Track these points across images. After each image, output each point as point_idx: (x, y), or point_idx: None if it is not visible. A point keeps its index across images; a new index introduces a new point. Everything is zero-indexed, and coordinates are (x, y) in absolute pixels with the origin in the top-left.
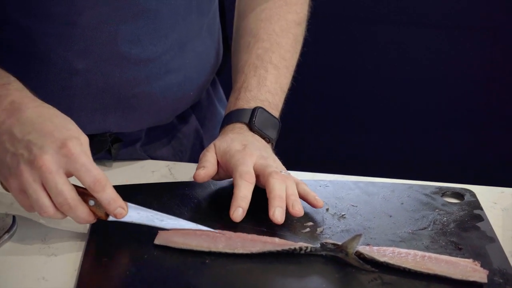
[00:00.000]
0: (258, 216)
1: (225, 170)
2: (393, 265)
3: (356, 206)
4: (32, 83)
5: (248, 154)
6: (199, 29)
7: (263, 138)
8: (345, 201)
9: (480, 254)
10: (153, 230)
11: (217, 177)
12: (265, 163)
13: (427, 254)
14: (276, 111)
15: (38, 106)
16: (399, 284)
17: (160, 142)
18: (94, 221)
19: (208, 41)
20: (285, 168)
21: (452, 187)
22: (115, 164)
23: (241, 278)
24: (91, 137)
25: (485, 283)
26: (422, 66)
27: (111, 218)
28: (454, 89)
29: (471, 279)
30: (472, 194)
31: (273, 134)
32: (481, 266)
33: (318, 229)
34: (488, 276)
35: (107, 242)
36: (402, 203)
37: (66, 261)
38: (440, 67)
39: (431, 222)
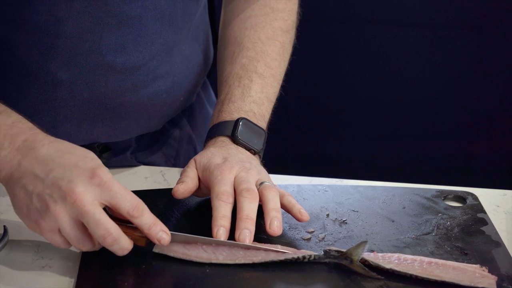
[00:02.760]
0: (258, 223)
1: (206, 187)
2: (399, 272)
3: (357, 211)
4: (15, 96)
5: (227, 168)
6: (186, 32)
7: (248, 150)
8: (346, 206)
9: (486, 259)
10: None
11: (200, 193)
12: (244, 176)
13: (433, 260)
14: (262, 122)
15: (52, 141)
16: None
17: (151, 148)
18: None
19: (196, 43)
20: (270, 178)
21: (454, 190)
22: None
23: None
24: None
25: None
26: (420, 66)
27: (156, 250)
28: (447, 89)
29: (480, 285)
30: (474, 197)
31: (258, 145)
32: (489, 271)
33: (320, 235)
34: (497, 282)
35: (103, 252)
36: (404, 207)
37: (61, 272)
38: (431, 66)
39: (434, 226)
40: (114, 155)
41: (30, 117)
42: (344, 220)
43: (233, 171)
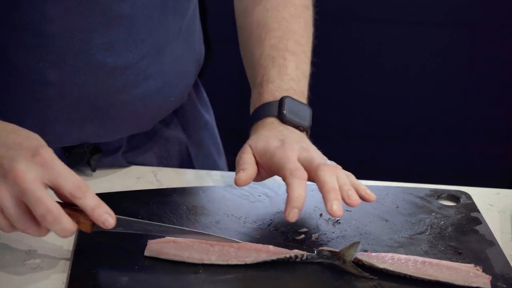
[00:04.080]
0: (251, 223)
1: (267, 170)
2: (393, 272)
3: (351, 211)
4: (3, 95)
5: (289, 149)
6: (177, 32)
7: (297, 127)
8: None
9: (480, 259)
10: (143, 240)
11: (259, 178)
12: (309, 155)
13: (427, 260)
14: (303, 98)
15: None
16: None
17: (142, 149)
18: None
19: (187, 43)
20: (327, 158)
21: (447, 189)
22: (98, 171)
23: None
24: (69, 149)
25: None
26: (413, 66)
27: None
28: (440, 89)
29: (474, 285)
30: (468, 197)
31: (305, 121)
32: (483, 271)
33: (313, 235)
34: (491, 281)
35: (95, 253)
36: (397, 207)
37: (53, 273)
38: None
39: (428, 226)
40: (105, 156)
41: (19, 117)
42: (337, 220)
43: (295, 152)
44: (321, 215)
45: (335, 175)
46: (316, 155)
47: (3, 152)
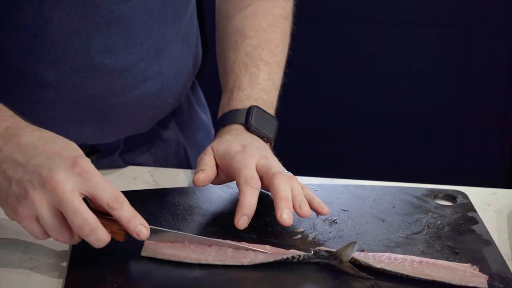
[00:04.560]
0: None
1: (225, 173)
2: (390, 271)
3: (347, 211)
4: (1, 96)
5: (248, 155)
6: (176, 34)
7: (261, 138)
8: (336, 205)
9: (477, 258)
10: (140, 240)
11: (217, 181)
12: (267, 163)
13: (424, 259)
14: (271, 109)
15: (35, 130)
16: None
17: (140, 150)
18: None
19: (185, 45)
20: (285, 169)
21: (444, 189)
22: None
23: None
24: None
25: None
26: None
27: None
28: (437, 88)
29: (471, 284)
30: (465, 196)
31: (271, 133)
32: (480, 270)
33: (309, 235)
34: (488, 281)
35: (92, 253)
36: (394, 206)
37: (49, 273)
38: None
39: (425, 225)
40: (103, 156)
41: None
42: (334, 220)
43: (254, 158)
44: (317, 215)
45: (290, 185)
46: (275, 164)
47: (42, 161)
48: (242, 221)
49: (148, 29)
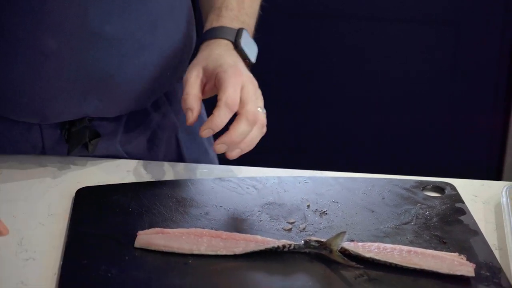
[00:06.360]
0: (239, 215)
1: (213, 87)
2: (379, 260)
3: (337, 202)
4: (5, 70)
5: (238, 73)
6: (170, 9)
7: (244, 59)
8: (326, 197)
9: (465, 248)
10: (133, 231)
11: (204, 96)
12: (249, 94)
13: (412, 249)
14: (251, 35)
15: None
16: (386, 280)
17: (137, 136)
18: None
19: (180, 24)
20: (262, 104)
21: (432, 181)
22: (89, 163)
23: (225, 278)
24: (68, 130)
25: (472, 277)
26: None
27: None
28: (425, 82)
29: (459, 273)
30: (453, 188)
31: (252, 57)
32: (467, 259)
33: (300, 226)
34: (475, 269)
35: (86, 244)
36: (383, 198)
37: (45, 264)
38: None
39: (413, 216)
40: (103, 141)
41: (21, 92)
42: (324, 211)
43: (242, 78)
44: (308, 206)
45: (249, 129)
46: (253, 97)
47: None
48: (207, 132)
49: None
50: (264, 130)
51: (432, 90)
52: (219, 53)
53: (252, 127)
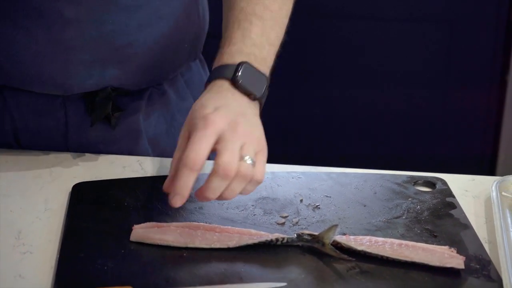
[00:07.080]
0: (233, 209)
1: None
2: (370, 253)
3: (330, 197)
4: (24, 41)
5: (211, 122)
6: None
7: (248, 95)
8: (319, 192)
9: (455, 241)
10: (129, 225)
11: None
12: (229, 138)
13: (403, 242)
14: (264, 66)
15: None
16: (378, 272)
17: (157, 117)
18: None
19: (191, 4)
20: (260, 139)
21: (424, 176)
22: (85, 159)
23: (220, 270)
24: (93, 96)
25: (462, 269)
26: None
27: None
28: (418, 79)
29: (449, 265)
30: (444, 183)
31: (259, 90)
32: (458, 252)
33: (293, 220)
34: (464, 262)
35: (82, 238)
36: (375, 193)
37: (42, 258)
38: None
39: (405, 210)
40: (124, 117)
41: (41, 64)
42: (317, 205)
43: (220, 125)
44: (301, 200)
45: (224, 182)
46: (236, 145)
47: None
48: (175, 200)
49: None
50: (254, 181)
51: (426, 86)
52: (202, 102)
53: (227, 181)
